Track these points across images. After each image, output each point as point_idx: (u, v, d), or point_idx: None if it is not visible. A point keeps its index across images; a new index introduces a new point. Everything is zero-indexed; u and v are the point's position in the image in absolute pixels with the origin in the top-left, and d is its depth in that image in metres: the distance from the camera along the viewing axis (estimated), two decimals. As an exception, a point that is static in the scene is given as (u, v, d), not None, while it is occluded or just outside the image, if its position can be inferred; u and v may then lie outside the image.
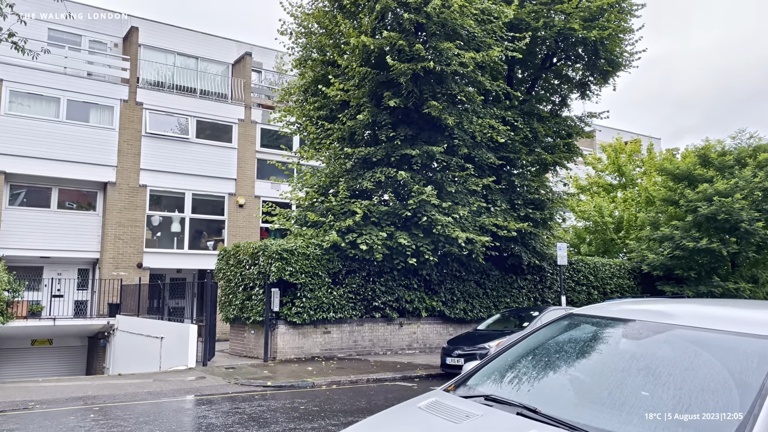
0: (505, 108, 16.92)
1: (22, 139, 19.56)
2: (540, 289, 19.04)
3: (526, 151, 16.89)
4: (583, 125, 18.87)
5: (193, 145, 22.88)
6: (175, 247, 22.49)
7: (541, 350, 3.17)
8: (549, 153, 17.91)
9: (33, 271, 20.69)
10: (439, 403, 2.80)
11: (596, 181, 31.42)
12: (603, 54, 16.50)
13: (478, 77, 14.64)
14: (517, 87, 18.80)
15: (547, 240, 18.45)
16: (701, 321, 2.86)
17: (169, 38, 24.12)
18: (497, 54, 14.14)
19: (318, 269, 14.52)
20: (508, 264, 18.10)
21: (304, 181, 16.44)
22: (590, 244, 28.33)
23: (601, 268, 21.24)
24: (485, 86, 15.04)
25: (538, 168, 18.33)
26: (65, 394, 9.68)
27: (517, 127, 16.59)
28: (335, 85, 15.17)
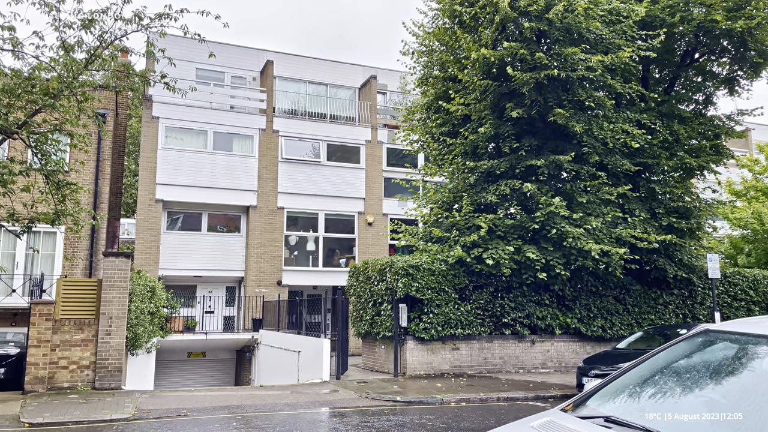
0: (640, 111, 15.86)
1: (177, 170, 21.72)
2: (689, 305, 17.42)
3: (666, 155, 15.66)
4: (732, 124, 17.12)
5: (324, 168, 24.00)
6: (311, 265, 23.60)
7: (671, 369, 2.88)
8: (693, 156, 16.44)
9: (187, 289, 22.74)
10: (553, 423, 2.65)
11: (753, 185, 28.27)
12: (752, 45, 14.91)
13: (607, 81, 13.89)
14: (654, 88, 17.54)
15: (696, 251, 16.88)
16: None
17: (301, 68, 25.63)
18: (628, 55, 13.33)
19: (444, 285, 14.47)
20: (651, 278, 16.79)
21: (428, 198, 16.54)
22: (749, 255, 25.46)
23: (762, 281, 18.98)
24: (616, 89, 14.23)
25: (682, 173, 16.88)
26: (213, 404, 10.45)
27: (654, 130, 15.47)
28: (456, 100, 15.16)
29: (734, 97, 17.12)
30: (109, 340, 11.61)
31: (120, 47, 14.53)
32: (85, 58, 13.52)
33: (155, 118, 21.81)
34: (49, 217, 14.05)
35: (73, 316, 11.61)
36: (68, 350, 11.43)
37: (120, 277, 11.87)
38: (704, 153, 16.33)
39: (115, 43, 13.76)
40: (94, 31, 13.22)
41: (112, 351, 11.61)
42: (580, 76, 13.62)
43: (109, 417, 9.08)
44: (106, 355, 11.56)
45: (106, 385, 11.53)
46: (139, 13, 13.72)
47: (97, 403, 10.17)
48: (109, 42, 13.68)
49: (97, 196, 20.32)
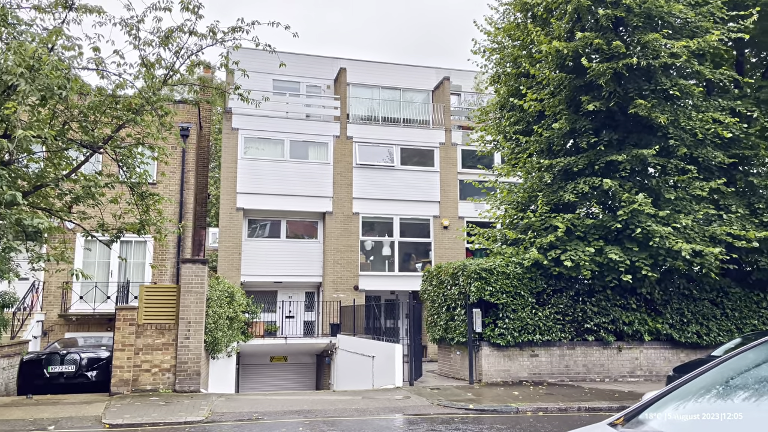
0: (735, 98, 14.60)
1: (256, 179, 22.35)
2: (799, 309, 15.77)
3: (765, 145, 14.29)
4: None
5: (398, 172, 23.90)
6: (387, 270, 23.54)
7: (742, 380, 2.45)
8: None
9: (269, 295, 23.31)
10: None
11: None
12: None
13: (695, 67, 12.86)
14: (750, 73, 16.15)
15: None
16: None
17: (374, 74, 25.72)
18: (716, 38, 12.28)
19: (520, 289, 13.90)
20: (753, 279, 15.37)
21: (501, 199, 16.01)
22: None
23: None
24: (705, 76, 13.15)
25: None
26: (284, 408, 10.52)
27: (751, 118, 14.17)
28: (529, 96, 14.60)
29: None
30: (188, 344, 12.00)
31: (205, 63, 15.12)
32: (164, 74, 14.14)
33: (235, 130, 22.58)
34: (135, 226, 14.80)
35: (154, 320, 12.11)
36: (150, 354, 11.91)
37: (197, 283, 12.26)
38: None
39: (191, 58, 14.33)
40: (171, 48, 13.81)
41: (190, 355, 11.99)
42: (662, 63, 12.69)
43: (183, 419, 9.33)
44: (185, 358, 11.96)
45: (185, 387, 11.91)
46: (213, 27, 14.17)
47: (175, 405, 10.50)
48: (186, 57, 14.25)
49: (182, 206, 21.25)
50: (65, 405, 10.42)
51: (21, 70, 9.07)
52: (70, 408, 10.14)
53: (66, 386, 13.05)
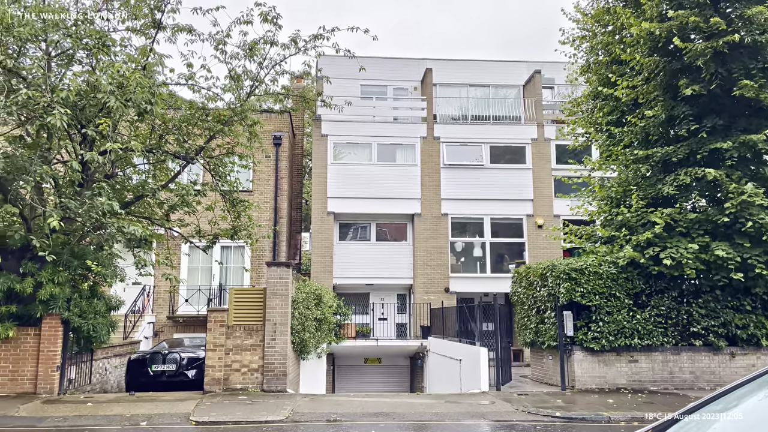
0: None
1: (345, 183, 22.72)
2: None
3: None
4: None
5: (487, 171, 23.34)
6: (478, 272, 23.02)
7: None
8: None
9: (361, 297, 23.58)
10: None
11: None
12: None
13: (810, 39, 11.43)
14: None
15: None
16: None
17: (461, 72, 25.33)
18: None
19: (614, 289, 13.00)
20: None
21: (594, 195, 15.10)
22: None
23: None
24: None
25: None
26: (364, 410, 10.50)
27: None
28: (621, 84, 13.67)
29: None
30: (274, 345, 12.35)
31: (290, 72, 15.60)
32: (250, 85, 14.71)
33: (324, 136, 23.09)
34: (228, 232, 15.53)
35: (242, 322, 12.57)
36: (239, 354, 12.38)
37: (281, 285, 12.58)
38: None
39: (275, 68, 14.81)
40: (255, 59, 14.34)
41: (276, 355, 12.33)
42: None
43: (264, 419, 9.58)
44: (271, 359, 12.31)
45: (272, 387, 12.26)
46: (294, 37, 14.57)
47: (260, 404, 10.81)
48: (270, 68, 14.74)
49: (277, 212, 22.02)
50: (161, 402, 11.05)
51: (111, 88, 9.74)
52: (165, 405, 10.74)
53: (167, 384, 13.86)
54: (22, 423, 9.23)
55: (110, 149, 9.61)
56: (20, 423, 9.22)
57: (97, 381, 14.47)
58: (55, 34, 11.30)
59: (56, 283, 11.64)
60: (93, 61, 12.11)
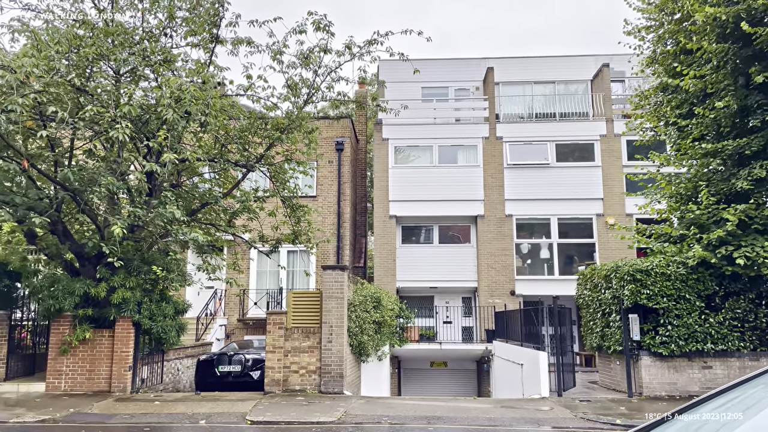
0: None
1: (407, 186, 22.75)
2: None
3: None
4: None
5: (553, 170, 22.68)
6: (546, 274, 22.40)
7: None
8: None
9: (425, 300, 23.51)
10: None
11: None
12: None
13: None
14: None
15: None
16: None
17: (525, 70, 24.79)
18: None
19: (684, 291, 12.29)
20: None
21: (662, 192, 14.35)
22: None
23: None
24: None
25: None
26: (416, 413, 10.47)
27: None
28: (687, 74, 12.92)
29: None
30: (331, 347, 12.54)
31: (346, 79, 15.90)
32: (306, 93, 15.06)
33: (385, 140, 23.23)
34: (289, 237, 15.94)
35: (300, 324, 12.85)
36: (298, 356, 12.66)
37: (337, 288, 12.77)
38: None
39: (331, 75, 15.10)
40: (312, 67, 14.68)
41: (333, 357, 12.51)
42: None
43: (316, 420, 9.74)
44: (328, 361, 12.51)
45: (330, 389, 12.45)
46: (348, 43, 14.81)
47: (316, 406, 11.01)
48: (326, 75, 15.04)
49: (340, 216, 22.37)
50: (223, 402, 11.48)
51: (168, 101, 10.26)
52: (226, 405, 11.15)
53: (233, 384, 14.37)
54: (93, 419, 9.86)
55: (168, 160, 10.10)
56: (92, 419, 9.86)
57: (169, 380, 15.23)
58: (123, 53, 12.04)
59: (127, 287, 12.36)
60: (158, 77, 12.81)
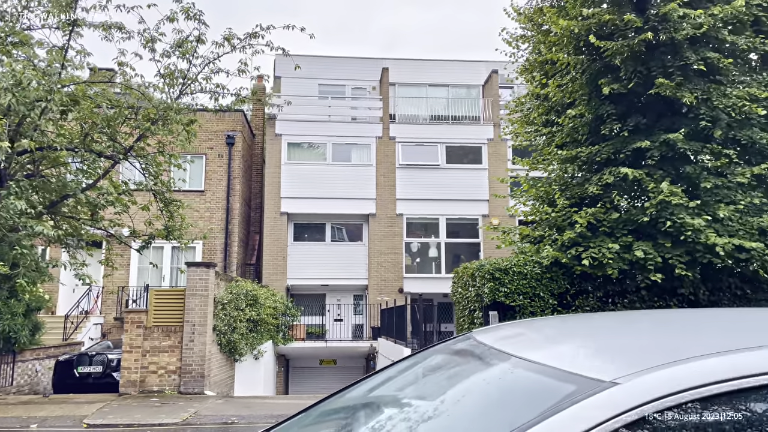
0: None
1: (299, 183, 22.59)
2: None
3: (829, 122, 12.37)
4: None
5: (443, 171, 23.26)
6: (434, 272, 22.95)
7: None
8: None
9: (317, 298, 23.45)
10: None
11: None
12: None
13: (725, 38, 11.37)
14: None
15: None
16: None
17: (420, 72, 25.25)
18: (740, 5, 10.76)
19: (539, 289, 12.92)
20: (823, 278, 13.36)
21: (526, 194, 15.03)
22: None
23: None
24: (741, 47, 11.59)
25: None
26: (272, 412, 10.39)
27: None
28: (550, 84, 13.60)
29: None
30: (192, 347, 12.21)
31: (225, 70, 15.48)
32: (181, 83, 14.60)
33: (278, 136, 22.95)
34: (162, 233, 15.38)
35: (162, 323, 12.43)
36: (157, 356, 12.23)
37: (201, 286, 12.45)
38: None
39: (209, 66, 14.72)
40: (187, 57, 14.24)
41: (195, 357, 12.19)
42: (687, 36, 11.31)
43: (159, 422, 9.44)
44: (189, 361, 12.17)
45: (190, 389, 12.12)
46: (228, 36, 14.48)
47: (167, 407, 10.67)
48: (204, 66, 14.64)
49: (229, 212, 21.88)
50: (69, 404, 10.90)
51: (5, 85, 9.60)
52: (71, 407, 10.59)
53: (94, 386, 13.70)
54: None
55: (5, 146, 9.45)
56: None
57: (25, 383, 14.29)
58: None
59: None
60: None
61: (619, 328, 1.97)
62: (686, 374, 1.22)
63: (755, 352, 1.25)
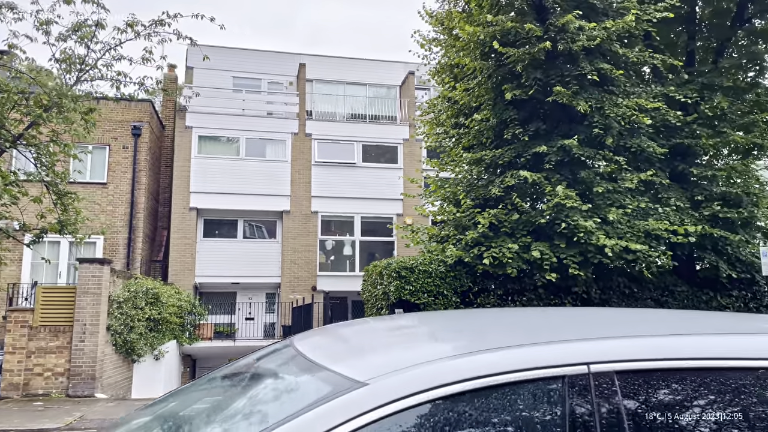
0: (680, 84, 13.77)
1: (210, 178, 21.95)
2: (753, 308, 14.81)
3: (707, 134, 13.41)
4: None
5: (359, 169, 23.32)
6: (348, 270, 22.96)
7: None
8: (748, 132, 14.00)
9: (227, 296, 22.89)
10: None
11: None
12: (809, -7, 12.38)
13: (617, 50, 12.07)
14: (703, 60, 15.29)
15: (754, 246, 14.35)
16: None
17: (338, 70, 25.19)
18: (631, 19, 11.47)
19: (443, 288, 13.22)
20: (700, 277, 14.48)
21: (435, 195, 15.34)
22: None
23: None
24: (630, 59, 12.34)
25: (734, 154, 14.47)
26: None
27: (687, 105, 13.34)
28: (458, 87, 13.94)
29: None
30: (83, 347, 11.57)
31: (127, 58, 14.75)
32: (79, 68, 13.80)
33: (189, 128, 22.19)
34: (54, 227, 14.47)
35: (49, 323, 11.70)
36: (43, 357, 11.51)
37: (93, 283, 11.83)
38: (757, 128, 13.84)
39: (110, 52, 13.98)
40: (85, 42, 13.47)
41: (85, 358, 11.56)
42: (583, 47, 11.91)
43: (39, 427, 8.88)
44: (79, 362, 11.53)
45: (79, 392, 11.49)
46: (131, 22, 13.80)
47: (51, 411, 10.06)
48: (104, 52, 13.88)
49: (134, 206, 20.93)
50: (-62, 411, 10.04)
51: None
52: (-61, 414, 9.76)
53: (-28, 390, 12.71)
54: None
55: None
56: None
57: None
58: None
59: None
60: None
61: (417, 329, 2.02)
62: (431, 374, 1.25)
63: (498, 353, 1.30)
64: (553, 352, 1.29)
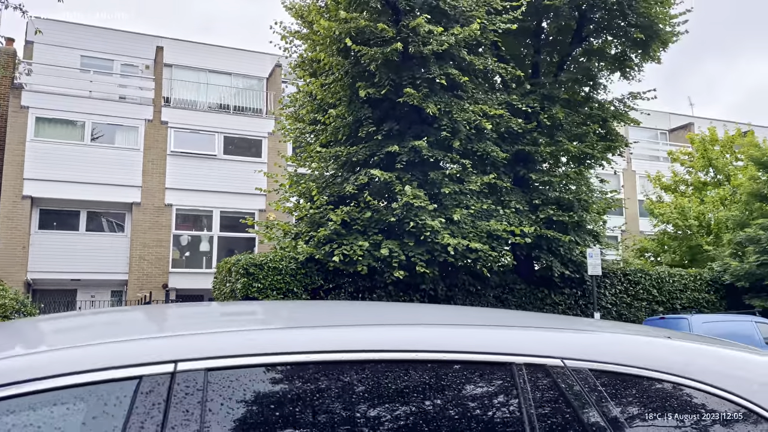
0: (524, 94, 14.63)
1: (49, 164, 19.95)
2: (582, 305, 16.15)
3: (545, 142, 14.39)
4: (625, 109, 15.94)
5: (220, 162, 22.41)
6: (204, 267, 21.97)
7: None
8: (581, 143, 15.22)
9: (66, 294, 20.96)
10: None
11: (682, 179, 27.35)
12: (633, 18, 13.68)
13: (465, 57, 12.54)
14: (547, 73, 16.38)
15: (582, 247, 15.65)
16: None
17: (200, 56, 24.03)
18: (476, 28, 11.98)
19: (293, 285, 12.98)
20: (537, 276, 15.52)
21: (291, 190, 15.08)
22: (674, 252, 24.47)
23: (668, 279, 17.80)
24: (477, 67, 12.90)
25: (569, 162, 15.68)
26: None
27: (529, 114, 14.23)
28: (314, 82, 13.77)
29: (629, 80, 15.97)
30: None
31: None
32: None
33: (25, 108, 20.00)
34: None
35: None
36: None
37: None
38: (589, 139, 15.11)
39: None
40: None
41: None
42: (434, 50, 12.23)
43: None
44: None
45: None
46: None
47: None
48: None
49: (-47, 193, 18.50)
50: None
51: None
52: None
53: None
54: None
55: None
56: None
57: None
58: None
59: None
60: None
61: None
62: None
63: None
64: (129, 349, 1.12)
